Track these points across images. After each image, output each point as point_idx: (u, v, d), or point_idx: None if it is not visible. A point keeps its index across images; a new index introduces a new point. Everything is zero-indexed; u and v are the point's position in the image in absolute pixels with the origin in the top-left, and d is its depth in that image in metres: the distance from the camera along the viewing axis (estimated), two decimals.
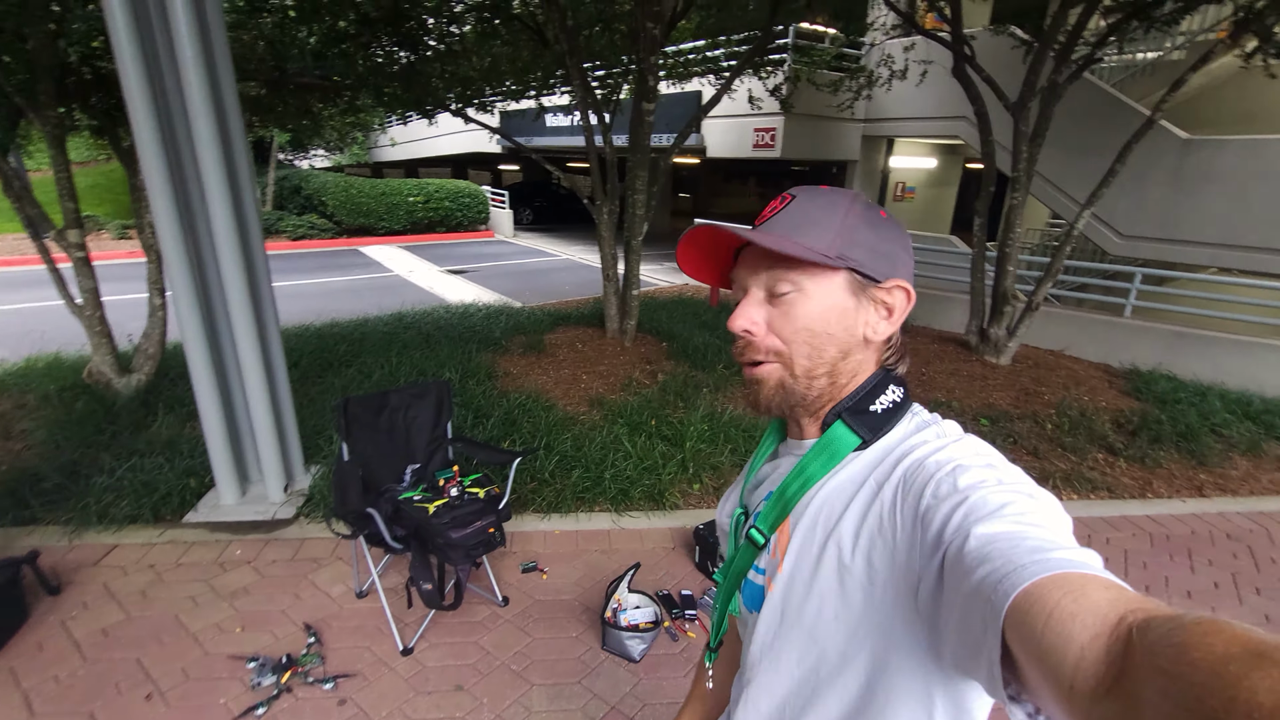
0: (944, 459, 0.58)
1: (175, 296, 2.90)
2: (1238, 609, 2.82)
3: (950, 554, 0.49)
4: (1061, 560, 0.40)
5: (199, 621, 2.46)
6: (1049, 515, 0.49)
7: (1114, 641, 0.33)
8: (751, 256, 0.68)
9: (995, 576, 0.41)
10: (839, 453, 0.65)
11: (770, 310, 0.66)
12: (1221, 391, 5.18)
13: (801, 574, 0.64)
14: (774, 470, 0.76)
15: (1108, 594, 0.36)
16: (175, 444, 3.61)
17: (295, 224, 14.00)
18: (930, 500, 0.54)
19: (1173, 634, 0.29)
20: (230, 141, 2.93)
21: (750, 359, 0.67)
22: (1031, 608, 0.37)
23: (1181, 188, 6.51)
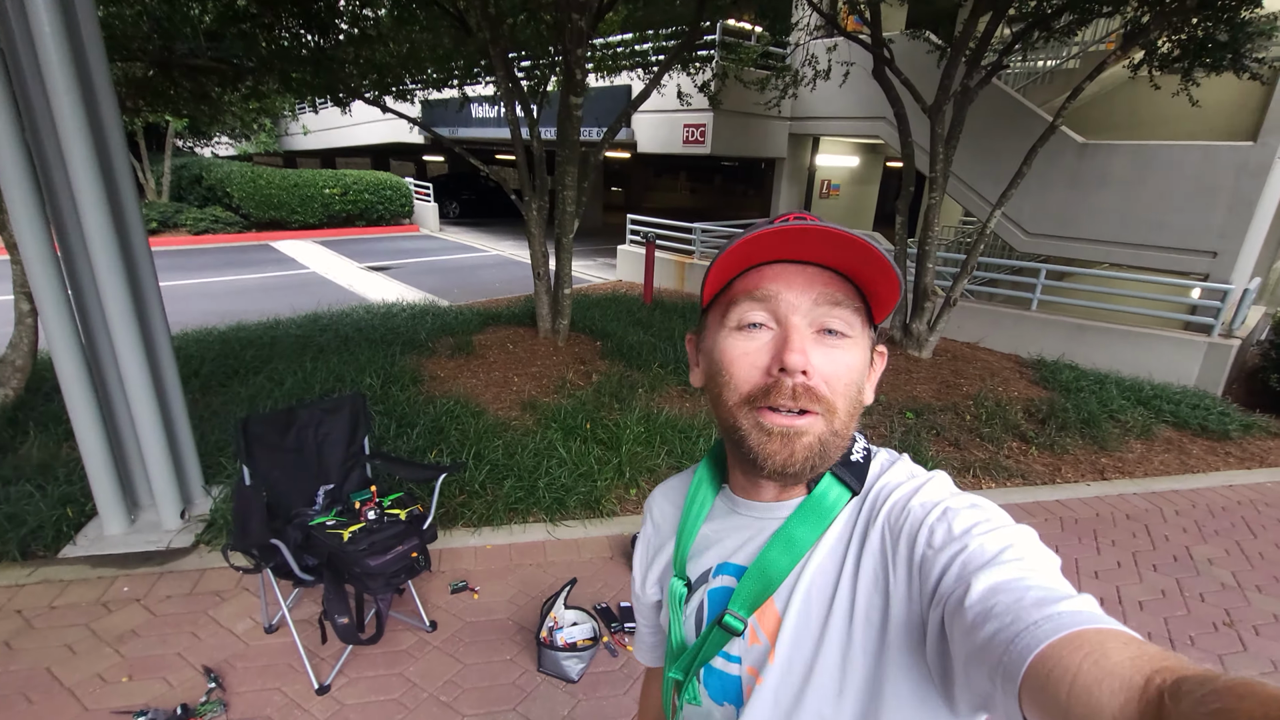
0: (928, 501, 0.56)
1: (40, 301, 2.55)
2: (1138, 586, 3.02)
3: (950, 607, 0.47)
4: (1072, 616, 0.39)
5: (77, 673, 2.17)
6: (1042, 558, 0.48)
7: (1145, 707, 0.31)
8: (795, 275, 0.55)
9: (1005, 636, 0.40)
10: (832, 510, 0.60)
11: (818, 351, 0.55)
12: (1117, 379, 5.59)
13: (802, 657, 0.57)
14: (724, 534, 0.67)
15: (1128, 652, 0.35)
16: (49, 468, 3.20)
17: (196, 217, 12.93)
18: (925, 549, 0.52)
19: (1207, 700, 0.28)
20: (102, 126, 2.60)
21: (803, 407, 0.54)
22: (1051, 673, 0.36)
23: (1079, 189, 6.98)
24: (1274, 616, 2.82)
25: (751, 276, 0.57)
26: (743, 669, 0.61)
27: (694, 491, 0.70)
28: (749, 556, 0.62)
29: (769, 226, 0.53)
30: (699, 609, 0.66)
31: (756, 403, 0.55)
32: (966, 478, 3.97)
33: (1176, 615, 2.82)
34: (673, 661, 0.67)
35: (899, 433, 4.34)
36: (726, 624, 0.60)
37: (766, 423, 0.55)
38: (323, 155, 22.49)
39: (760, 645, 0.60)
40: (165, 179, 14.38)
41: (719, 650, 0.62)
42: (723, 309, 0.59)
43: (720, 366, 0.58)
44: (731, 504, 0.67)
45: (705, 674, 0.65)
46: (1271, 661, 2.56)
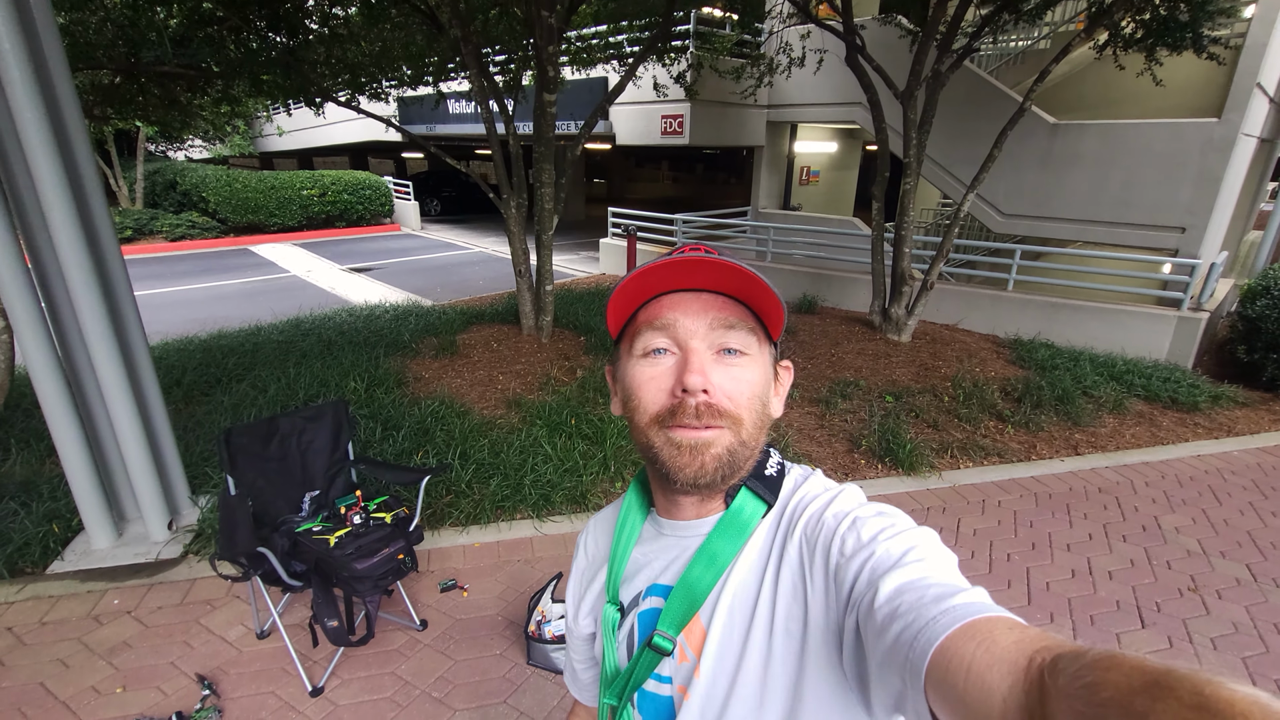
0: (840, 511, 0.59)
1: (13, 317, 2.55)
2: (1108, 556, 3.12)
3: (862, 611, 0.49)
4: (965, 608, 0.42)
5: (70, 686, 2.20)
6: (942, 557, 0.52)
7: (1029, 686, 0.34)
8: (691, 302, 0.59)
9: (909, 634, 0.43)
10: (749, 524, 0.62)
11: (718, 370, 0.59)
12: (1091, 356, 5.71)
13: (725, 670, 0.59)
14: (652, 556, 0.68)
15: (1013, 635, 0.38)
16: (33, 485, 3.20)
17: (173, 223, 12.76)
18: (838, 557, 0.55)
19: (1080, 674, 0.30)
20: (68, 136, 2.58)
21: (707, 422, 0.58)
22: (950, 664, 0.39)
23: (1051, 169, 7.07)
24: (1236, 580, 2.94)
25: (652, 307, 0.61)
26: (673, 688, 0.63)
27: (623, 517, 0.71)
28: (675, 576, 0.64)
29: (662, 259, 0.57)
30: (630, 633, 0.67)
31: (665, 422, 0.59)
32: (945, 458, 4.06)
33: (1144, 583, 2.93)
34: (607, 688, 0.68)
35: (878, 416, 4.42)
36: (656, 644, 0.62)
37: (676, 437, 0.58)
38: (300, 155, 22.16)
39: (688, 663, 0.61)
40: (138, 185, 14.17)
41: (651, 673, 0.64)
42: (630, 339, 0.63)
43: (631, 392, 0.61)
44: (658, 526, 0.69)
45: (639, 698, 0.66)
46: (1233, 623, 2.66)
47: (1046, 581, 2.93)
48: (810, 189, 12.09)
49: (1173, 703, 0.25)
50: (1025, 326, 6.37)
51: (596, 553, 0.77)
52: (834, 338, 6.18)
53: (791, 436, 4.21)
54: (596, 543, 0.77)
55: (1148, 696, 0.26)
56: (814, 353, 5.78)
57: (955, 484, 3.77)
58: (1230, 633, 2.62)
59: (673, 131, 9.55)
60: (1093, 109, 7.43)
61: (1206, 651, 2.53)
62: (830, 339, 6.14)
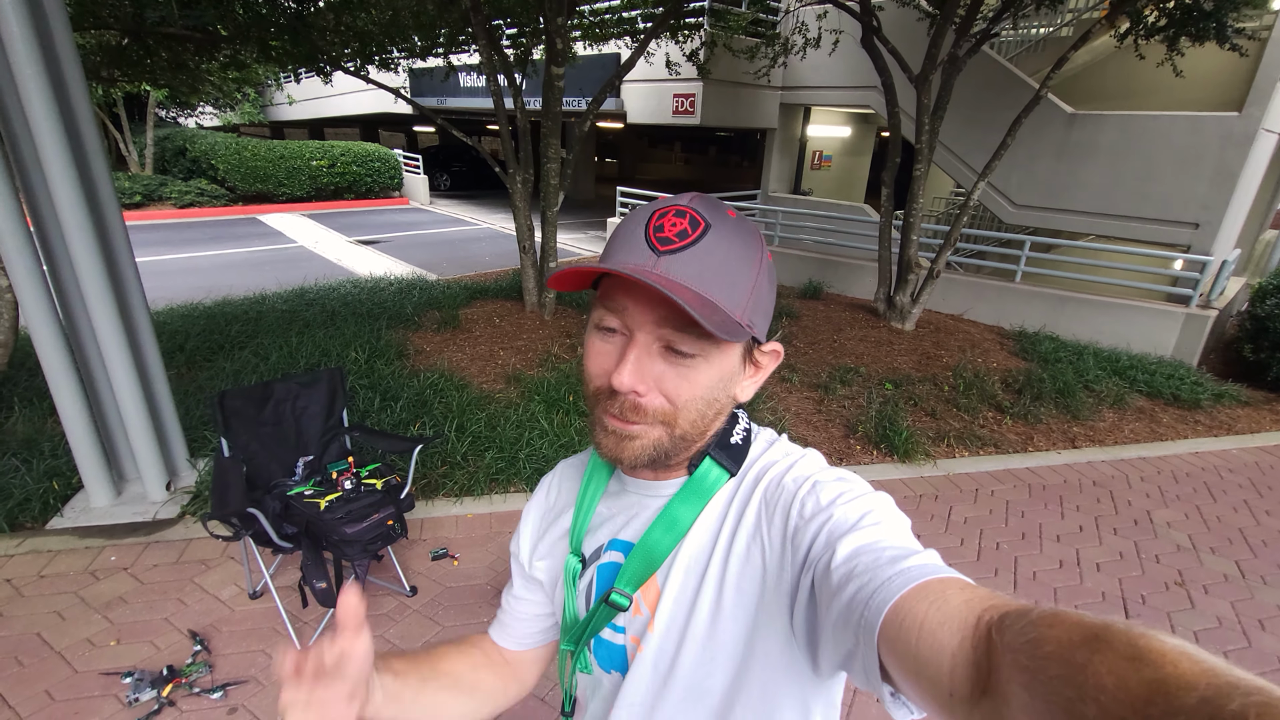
0: (799, 475, 0.60)
1: (14, 277, 2.57)
2: (1097, 548, 3.13)
3: (819, 571, 0.51)
4: (919, 569, 0.44)
5: (66, 638, 2.25)
6: (897, 520, 0.53)
7: (977, 642, 0.35)
8: (645, 291, 0.54)
9: (865, 594, 0.44)
10: (710, 490, 0.63)
11: (662, 366, 0.56)
12: (1095, 350, 5.66)
13: (677, 625, 0.62)
14: (616, 511, 0.69)
15: (963, 595, 0.40)
16: (35, 442, 3.25)
17: (182, 190, 12.77)
18: (797, 520, 0.56)
19: (1025, 630, 0.31)
20: (68, 97, 2.58)
21: (631, 420, 0.57)
22: (903, 622, 0.40)
23: (1066, 159, 6.96)
24: (1224, 576, 2.94)
25: (610, 282, 0.58)
26: (627, 639, 0.65)
27: (590, 472, 0.73)
28: (635, 533, 0.66)
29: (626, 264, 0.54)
30: (590, 584, 0.69)
31: (601, 401, 0.59)
32: (941, 446, 4.06)
33: (1131, 576, 2.93)
34: (565, 634, 0.70)
35: (877, 403, 4.41)
36: (613, 601, 0.64)
37: (606, 422, 0.59)
38: (310, 126, 22.10)
39: (642, 617, 0.64)
40: (148, 151, 14.16)
41: (607, 623, 0.66)
42: (594, 301, 0.61)
43: (585, 357, 0.61)
44: (621, 483, 0.70)
45: (595, 645, 0.69)
46: (1217, 618, 2.67)
47: (1034, 571, 2.94)
48: (822, 174, 11.96)
49: (1109, 654, 0.26)
50: (1031, 319, 6.32)
51: (560, 498, 0.76)
52: (837, 324, 6.15)
53: (789, 420, 4.21)
54: (561, 488, 0.77)
55: (1086, 649, 0.27)
56: (816, 338, 5.75)
57: (949, 472, 3.78)
58: (1214, 627, 2.62)
59: (684, 111, 9.44)
60: (1111, 99, 7.28)
61: None
62: (833, 325, 6.11)
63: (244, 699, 2.07)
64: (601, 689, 0.70)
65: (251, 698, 2.07)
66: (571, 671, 0.72)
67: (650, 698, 0.64)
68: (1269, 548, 3.19)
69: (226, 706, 2.03)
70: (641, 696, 0.64)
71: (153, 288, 6.70)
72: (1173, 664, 0.25)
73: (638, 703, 0.65)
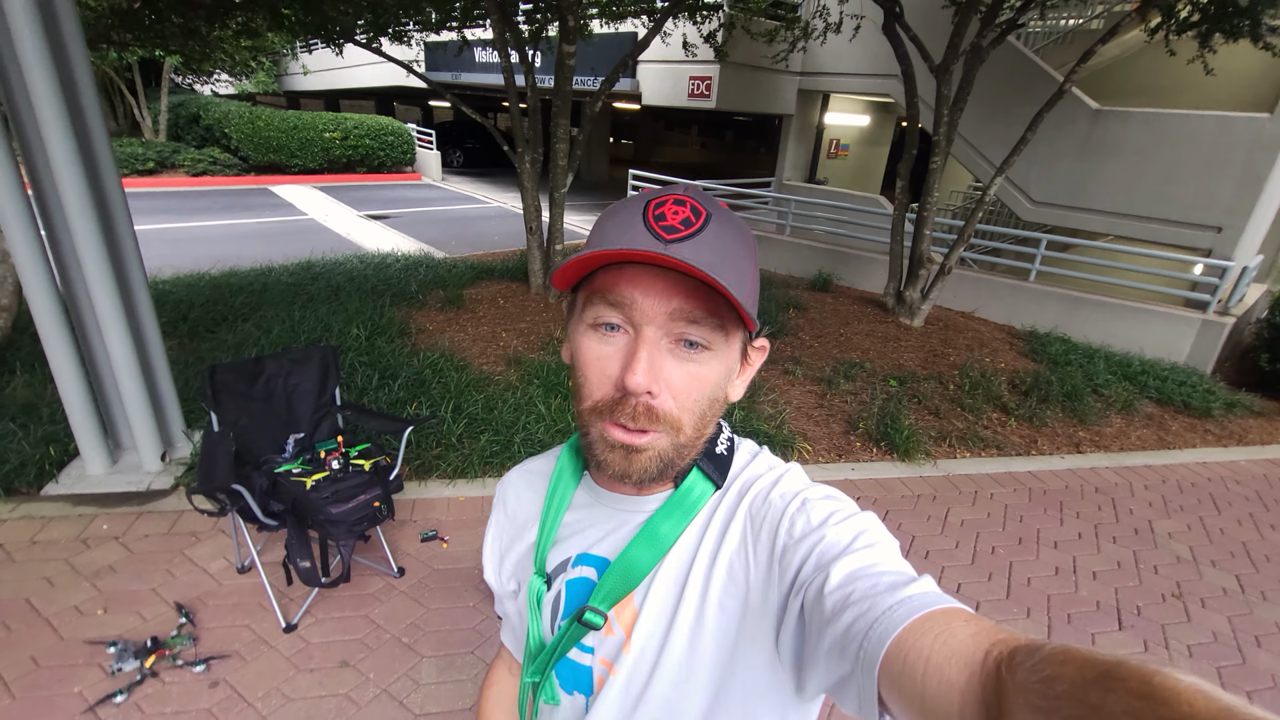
0: (787, 492, 0.58)
1: (12, 244, 2.55)
2: (1095, 556, 3.08)
3: (810, 595, 0.49)
4: (921, 599, 0.43)
5: (54, 605, 2.27)
6: (888, 543, 0.52)
7: (986, 679, 0.34)
8: (655, 281, 0.51)
9: (864, 623, 0.43)
10: (695, 506, 0.60)
11: (672, 364, 0.53)
12: (1107, 353, 5.56)
13: (653, 646, 0.58)
14: (587, 524, 0.65)
15: (968, 629, 0.39)
16: (34, 408, 3.27)
17: (195, 158, 12.76)
18: (786, 540, 0.54)
19: (1037, 668, 0.31)
20: (68, 59, 2.54)
21: (643, 426, 0.53)
22: (908, 657, 0.39)
23: (1088, 156, 6.79)
24: (1223, 590, 2.89)
25: (611, 274, 0.53)
26: (595, 659, 0.61)
27: (555, 483, 0.67)
28: (612, 549, 0.62)
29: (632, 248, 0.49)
30: (556, 599, 0.65)
31: (605, 414, 0.54)
32: (942, 446, 4.00)
33: (1128, 586, 2.89)
34: (530, 663, 0.65)
35: (880, 400, 4.35)
36: (587, 620, 0.59)
37: (610, 436, 0.54)
38: (326, 97, 21.96)
39: (615, 637, 0.60)
40: (162, 117, 14.14)
41: (576, 643, 0.62)
42: (584, 298, 0.55)
43: (577, 364, 0.56)
44: (594, 494, 0.66)
45: (561, 666, 0.64)
46: (1213, 632, 2.63)
47: (1028, 577, 2.90)
48: (838, 163, 11.77)
49: (1123, 693, 0.26)
50: (1043, 319, 6.21)
51: (519, 512, 0.71)
52: (845, 317, 6.07)
53: (789, 414, 4.17)
54: (519, 500, 0.72)
55: (1100, 688, 0.27)
56: (822, 331, 5.69)
57: (949, 473, 3.73)
58: (1209, 641, 2.58)
59: (700, 94, 9.30)
60: (1138, 96, 7.08)
61: (1181, 658, 2.50)
62: (841, 318, 6.03)
63: (226, 673, 2.07)
64: (561, 713, 0.65)
65: (234, 672, 2.08)
66: (535, 708, 0.67)
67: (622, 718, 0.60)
68: (1271, 563, 3.13)
69: (209, 680, 2.04)
70: (612, 717, 0.60)
71: (162, 255, 6.75)
72: (1188, 703, 0.24)
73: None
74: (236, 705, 1.97)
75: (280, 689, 2.04)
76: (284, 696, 2.02)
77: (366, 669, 2.14)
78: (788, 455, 3.70)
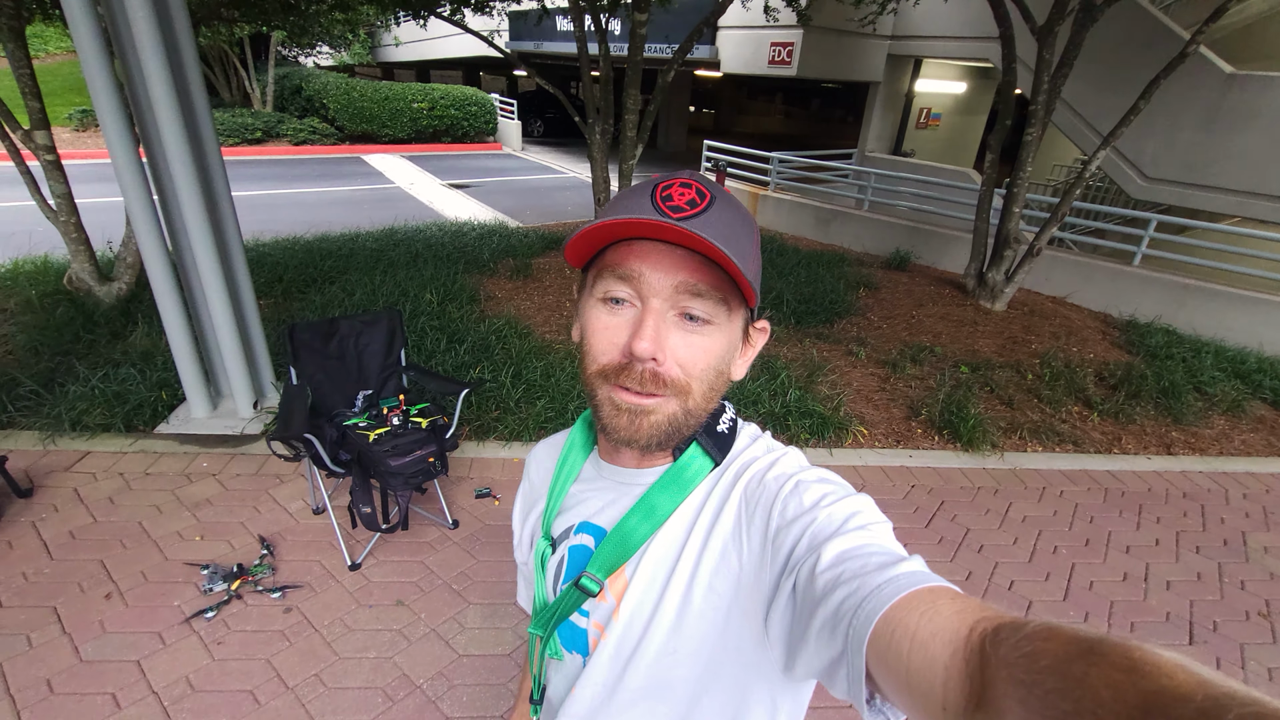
0: (781, 474, 0.59)
1: (129, 208, 2.86)
2: (1171, 565, 2.87)
3: (802, 576, 0.50)
4: (909, 578, 0.43)
5: (161, 529, 2.59)
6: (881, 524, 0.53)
7: (970, 654, 0.35)
8: (663, 256, 0.54)
9: (853, 601, 0.44)
10: (694, 480, 0.63)
11: (677, 335, 0.56)
12: (1218, 348, 5.05)
13: (642, 617, 0.61)
14: (589, 495, 0.69)
15: (954, 606, 0.39)
16: (151, 356, 3.68)
17: (296, 128, 13.61)
18: (779, 522, 0.55)
19: (1020, 644, 0.31)
20: (175, 39, 2.78)
21: (650, 390, 0.56)
22: (895, 632, 0.40)
23: (1217, 128, 6.08)
24: None
25: (620, 250, 0.56)
26: (590, 623, 0.66)
27: (565, 454, 0.72)
28: (610, 520, 0.65)
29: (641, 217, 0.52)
30: (560, 564, 0.69)
31: (611, 378, 0.57)
32: (1012, 438, 3.80)
33: (1206, 599, 2.68)
34: (536, 618, 0.70)
35: (947, 386, 4.17)
36: (583, 585, 0.63)
37: (618, 399, 0.57)
38: (417, 68, 22.73)
39: (607, 604, 0.63)
40: (269, 88, 15.09)
41: (576, 608, 0.66)
42: (594, 275, 0.59)
43: (585, 335, 0.59)
44: (598, 468, 0.70)
45: (562, 627, 0.69)
46: None
47: (1091, 580, 2.75)
48: (928, 134, 11.09)
49: (1105, 667, 0.26)
50: (1146, 307, 5.69)
51: (539, 482, 0.78)
52: (919, 298, 5.80)
53: (848, 396, 4.07)
54: (539, 469, 0.78)
55: (1083, 662, 0.27)
56: (893, 312, 5.46)
57: (1016, 466, 3.54)
58: None
59: (780, 61, 8.97)
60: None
61: (1259, 680, 2.31)
62: (914, 299, 5.77)
63: (298, 601, 2.31)
64: (564, 668, 0.71)
65: (304, 601, 2.32)
66: (541, 657, 0.72)
67: (610, 683, 0.64)
68: None
69: (283, 606, 2.29)
70: (602, 681, 0.65)
71: (264, 220, 7.30)
72: (1169, 675, 0.24)
73: (599, 685, 0.65)
74: (305, 630, 2.20)
75: (343, 619, 2.26)
76: (346, 626, 2.23)
77: (419, 609, 2.33)
78: (842, 438, 3.64)
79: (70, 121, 12.69)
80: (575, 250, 0.57)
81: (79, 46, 2.54)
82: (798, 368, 4.28)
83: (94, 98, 2.63)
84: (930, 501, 3.20)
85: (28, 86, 3.75)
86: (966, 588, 2.64)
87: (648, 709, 0.63)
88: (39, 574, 2.33)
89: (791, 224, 8.44)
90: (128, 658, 2.05)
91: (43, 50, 17.34)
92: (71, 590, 2.27)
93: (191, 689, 1.97)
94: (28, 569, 2.35)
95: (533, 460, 0.80)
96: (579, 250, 0.58)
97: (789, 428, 3.61)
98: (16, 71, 3.71)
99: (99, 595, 2.26)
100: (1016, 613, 0.36)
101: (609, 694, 0.64)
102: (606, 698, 0.65)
